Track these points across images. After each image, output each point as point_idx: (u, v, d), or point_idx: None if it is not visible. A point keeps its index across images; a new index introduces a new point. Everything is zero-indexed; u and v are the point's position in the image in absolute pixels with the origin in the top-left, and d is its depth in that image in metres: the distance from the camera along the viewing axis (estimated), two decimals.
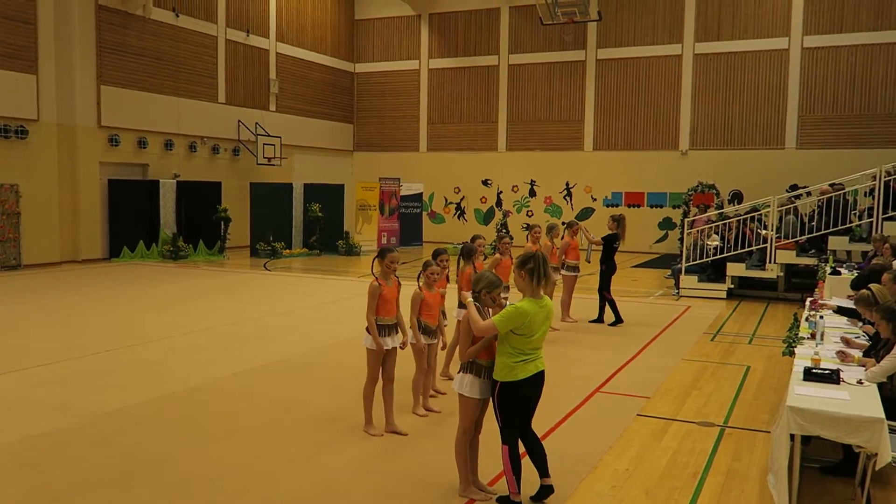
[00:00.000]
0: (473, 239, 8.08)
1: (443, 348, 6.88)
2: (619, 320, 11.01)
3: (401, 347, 6.20)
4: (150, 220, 19.57)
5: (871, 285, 6.55)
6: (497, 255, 8.68)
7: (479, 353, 4.74)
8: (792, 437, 4.49)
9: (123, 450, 5.67)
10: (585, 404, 7.04)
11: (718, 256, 14.15)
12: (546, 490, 4.84)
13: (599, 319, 11.17)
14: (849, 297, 8.89)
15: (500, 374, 4.66)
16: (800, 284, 14.20)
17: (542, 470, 4.86)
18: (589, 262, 12.72)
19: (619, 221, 11.28)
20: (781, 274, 13.98)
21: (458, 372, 4.86)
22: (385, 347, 6.01)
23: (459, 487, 4.93)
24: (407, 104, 27.15)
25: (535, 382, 4.70)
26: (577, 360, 8.86)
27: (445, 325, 6.87)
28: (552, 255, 10.46)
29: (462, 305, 6.95)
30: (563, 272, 10.93)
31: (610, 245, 11.19)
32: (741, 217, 14.49)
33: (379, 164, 27.09)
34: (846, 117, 21.10)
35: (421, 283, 6.39)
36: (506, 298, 7.51)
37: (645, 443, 6.02)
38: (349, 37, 27.76)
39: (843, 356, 5.53)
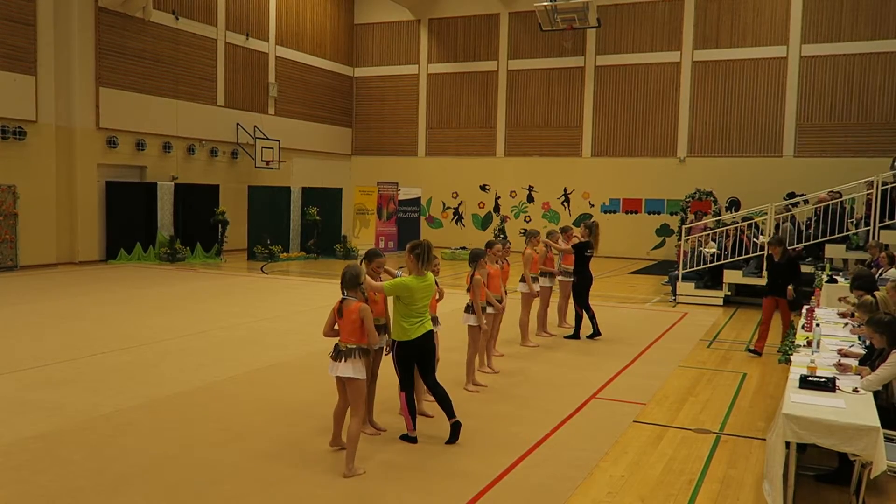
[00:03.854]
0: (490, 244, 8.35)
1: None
2: (575, 335, 10.34)
3: (385, 353, 6.13)
4: (148, 222, 19.55)
5: (876, 292, 6.53)
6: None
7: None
8: (787, 444, 4.49)
9: (118, 453, 5.65)
10: (581, 410, 7.04)
11: (715, 263, 14.16)
12: (455, 427, 5.96)
13: (595, 332, 10.37)
14: (840, 298, 8.92)
15: (395, 334, 5.88)
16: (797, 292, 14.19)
17: (449, 412, 5.99)
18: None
19: (591, 228, 10.32)
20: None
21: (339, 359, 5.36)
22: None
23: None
24: (406, 109, 27.18)
25: (425, 340, 5.86)
26: (574, 366, 8.86)
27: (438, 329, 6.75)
28: (547, 260, 10.37)
29: (468, 310, 7.62)
30: (559, 278, 10.85)
31: (581, 254, 10.21)
32: (738, 224, 14.50)
33: (377, 168, 27.10)
34: (844, 126, 21.16)
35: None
36: (500, 301, 8.39)
37: (641, 449, 6.02)
38: (348, 41, 27.80)
39: (842, 369, 5.50)
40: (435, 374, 6.11)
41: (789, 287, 9.48)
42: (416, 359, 5.97)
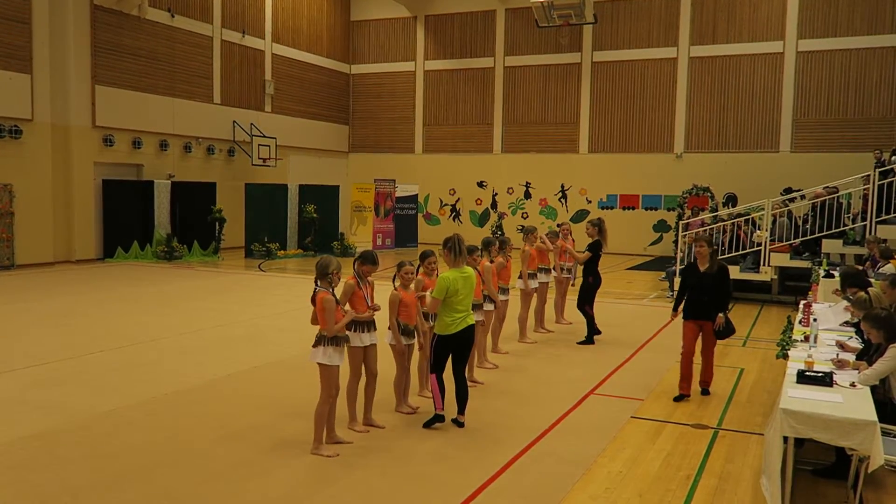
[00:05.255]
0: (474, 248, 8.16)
1: (419, 348, 6.91)
2: (590, 340, 9.89)
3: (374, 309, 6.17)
4: (145, 220, 19.51)
5: (869, 289, 6.56)
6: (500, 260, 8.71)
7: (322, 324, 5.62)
8: (785, 439, 4.49)
9: (115, 451, 5.65)
10: (579, 406, 7.05)
11: None
12: (457, 423, 6.29)
13: (589, 340, 9.96)
14: (834, 291, 8.93)
15: (438, 328, 6.20)
16: (794, 287, 14.24)
17: (461, 408, 6.32)
18: (573, 284, 11.10)
19: (599, 226, 10.03)
20: (775, 277, 14.01)
21: (316, 346, 5.62)
22: (363, 344, 6.08)
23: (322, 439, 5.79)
24: (402, 106, 27.15)
25: (464, 335, 6.20)
26: (571, 363, 8.87)
27: (431, 327, 6.67)
28: (543, 257, 10.32)
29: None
30: (554, 274, 10.83)
31: (596, 254, 9.94)
32: (735, 220, 14.52)
33: (374, 165, 27.08)
34: (840, 121, 21.18)
35: (397, 284, 6.46)
36: (505, 301, 8.85)
37: (638, 445, 6.02)
38: (345, 38, 27.75)
39: (840, 365, 5.50)
40: (465, 366, 6.44)
41: (719, 315, 7.20)
42: (453, 350, 6.24)
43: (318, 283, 5.67)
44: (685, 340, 7.34)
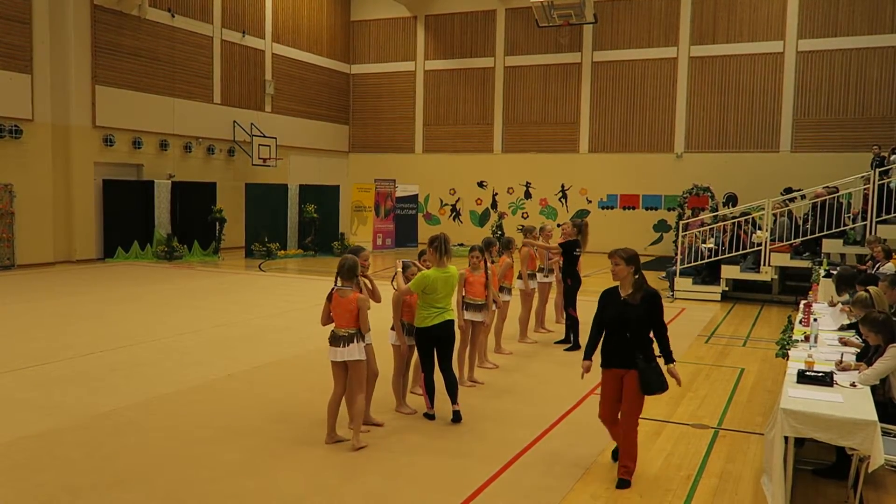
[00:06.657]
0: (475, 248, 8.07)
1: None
2: (576, 345, 9.40)
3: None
4: (145, 220, 19.52)
5: (870, 287, 6.55)
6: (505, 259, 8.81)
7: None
8: (786, 439, 4.49)
9: (116, 452, 5.65)
10: (580, 406, 7.05)
11: (713, 259, 14.18)
12: (455, 414, 6.39)
13: (566, 340, 9.69)
14: (829, 303, 8.90)
15: (417, 322, 6.35)
16: (794, 287, 14.24)
17: (453, 398, 6.44)
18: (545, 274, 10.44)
19: (580, 228, 9.85)
20: (776, 276, 14.02)
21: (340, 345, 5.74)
22: None
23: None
24: (403, 106, 27.14)
25: (442, 329, 6.28)
26: (571, 362, 8.85)
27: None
28: (532, 259, 10.22)
29: (464, 307, 7.61)
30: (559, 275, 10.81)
31: (570, 253, 9.60)
32: (735, 220, 14.53)
33: (374, 165, 27.08)
34: (841, 120, 21.17)
35: (396, 285, 6.50)
36: (507, 302, 9.01)
37: (639, 444, 5.99)
38: (345, 38, 27.75)
39: (842, 367, 5.48)
40: (451, 361, 6.48)
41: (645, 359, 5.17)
42: (433, 344, 6.36)
43: (343, 283, 5.69)
44: (602, 402, 5.30)
